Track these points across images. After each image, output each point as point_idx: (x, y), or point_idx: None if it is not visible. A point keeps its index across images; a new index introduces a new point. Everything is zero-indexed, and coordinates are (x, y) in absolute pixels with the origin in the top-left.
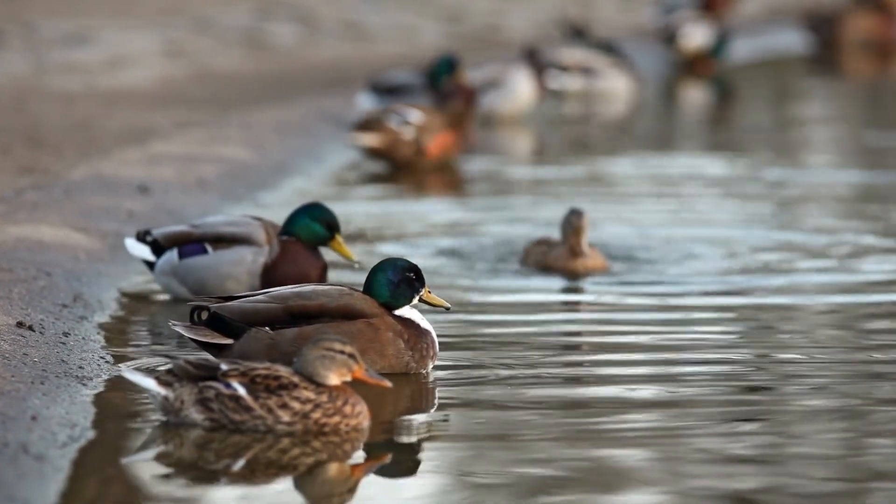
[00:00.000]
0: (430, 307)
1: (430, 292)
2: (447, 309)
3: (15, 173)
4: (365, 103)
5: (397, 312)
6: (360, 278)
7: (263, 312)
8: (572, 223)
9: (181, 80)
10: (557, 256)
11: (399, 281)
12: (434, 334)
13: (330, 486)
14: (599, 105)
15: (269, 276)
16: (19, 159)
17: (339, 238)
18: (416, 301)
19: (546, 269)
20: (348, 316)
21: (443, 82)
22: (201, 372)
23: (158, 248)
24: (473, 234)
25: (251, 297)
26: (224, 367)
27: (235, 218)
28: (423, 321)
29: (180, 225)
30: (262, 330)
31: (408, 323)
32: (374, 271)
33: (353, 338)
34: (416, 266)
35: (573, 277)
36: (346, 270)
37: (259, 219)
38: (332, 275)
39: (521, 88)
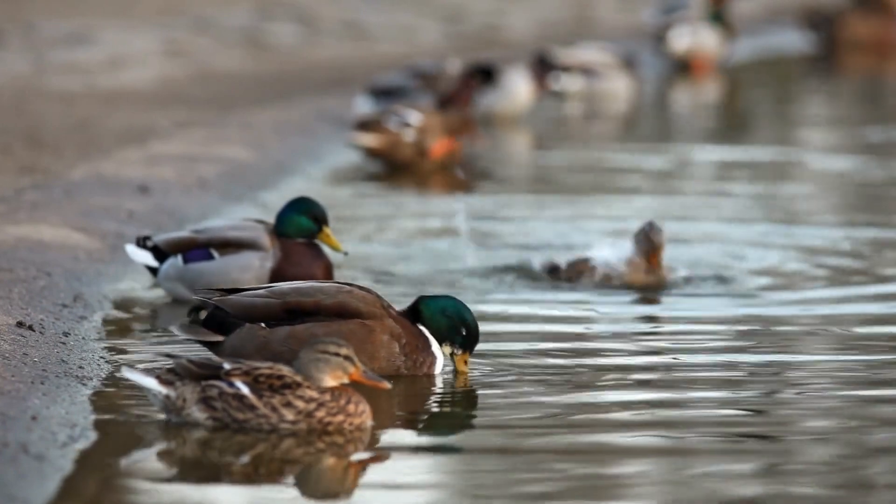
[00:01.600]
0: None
1: (466, 363)
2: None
3: (15, 173)
4: (363, 106)
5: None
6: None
7: (261, 308)
8: (652, 241)
9: (181, 80)
10: (631, 270)
11: (450, 321)
12: (440, 361)
13: (332, 486)
14: (600, 105)
15: (278, 280)
16: (19, 159)
17: (327, 230)
18: (447, 352)
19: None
20: (343, 315)
21: (472, 77)
22: (204, 371)
23: (159, 252)
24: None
25: (252, 291)
26: (227, 366)
27: (238, 222)
28: (436, 348)
29: (181, 231)
30: (255, 326)
31: (415, 333)
32: (452, 302)
33: (344, 338)
34: (475, 331)
35: (638, 290)
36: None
37: (261, 221)
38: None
39: (518, 89)
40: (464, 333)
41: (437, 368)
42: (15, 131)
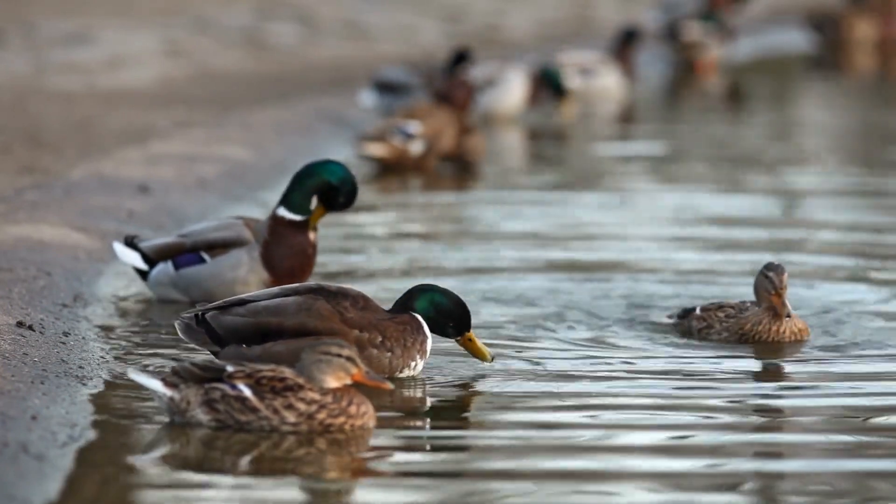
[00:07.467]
0: (472, 355)
1: (472, 340)
2: (490, 361)
3: (15, 173)
4: (367, 101)
5: None
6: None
7: (240, 327)
8: (773, 282)
9: (181, 80)
10: (756, 321)
11: (438, 313)
12: (416, 365)
13: (334, 486)
14: (595, 104)
15: (270, 262)
16: (19, 159)
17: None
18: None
19: (741, 337)
20: (301, 334)
21: (455, 73)
22: (207, 373)
23: (147, 257)
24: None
25: (234, 309)
26: (230, 368)
27: (219, 222)
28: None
29: (167, 236)
30: (237, 347)
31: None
32: (433, 289)
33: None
34: (465, 311)
35: (773, 346)
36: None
37: (240, 217)
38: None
39: (514, 88)
40: (451, 325)
41: (418, 369)
42: (15, 131)
